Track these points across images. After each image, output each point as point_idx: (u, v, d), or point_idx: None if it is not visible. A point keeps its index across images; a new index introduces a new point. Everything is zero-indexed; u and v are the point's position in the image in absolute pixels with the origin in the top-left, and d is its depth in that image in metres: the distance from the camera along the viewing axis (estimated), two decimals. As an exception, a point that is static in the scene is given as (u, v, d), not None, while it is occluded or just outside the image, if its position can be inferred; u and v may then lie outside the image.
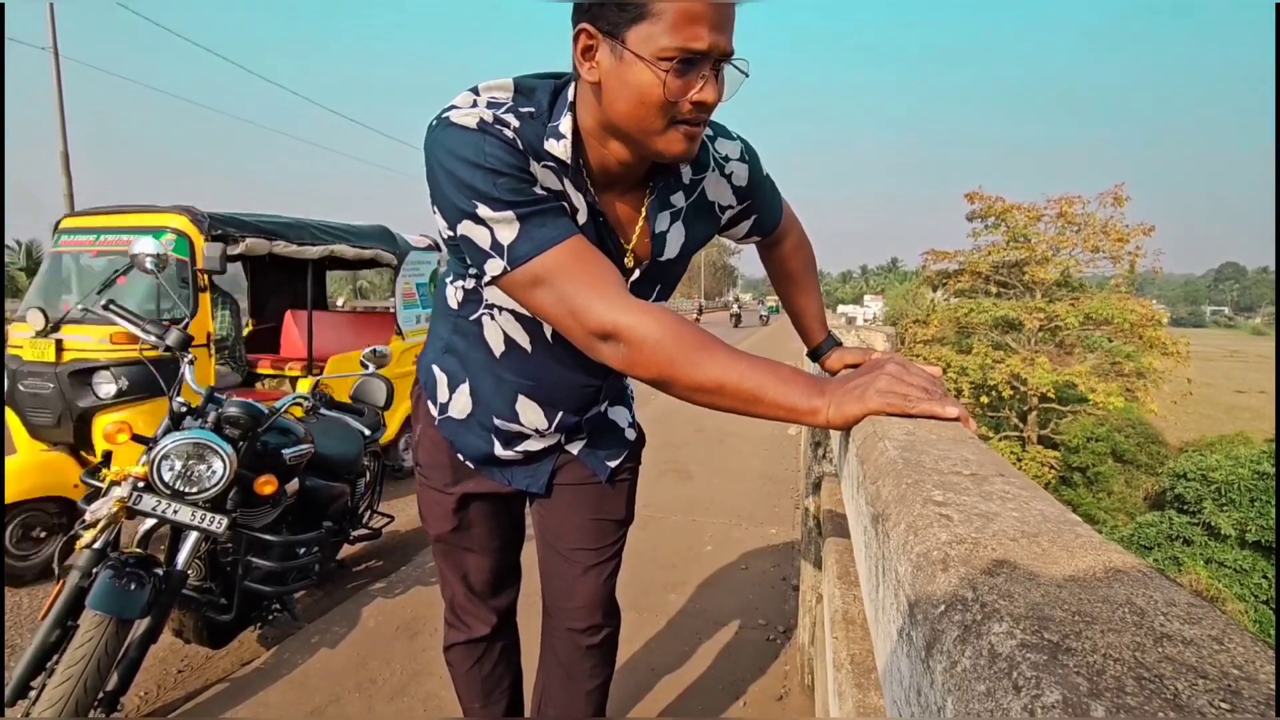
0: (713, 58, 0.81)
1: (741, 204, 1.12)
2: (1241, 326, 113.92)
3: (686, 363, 0.80)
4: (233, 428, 1.94)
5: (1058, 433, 16.45)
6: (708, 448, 5.57)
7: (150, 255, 2.02)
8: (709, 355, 0.80)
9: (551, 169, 0.90)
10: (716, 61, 0.82)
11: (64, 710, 1.53)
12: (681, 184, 1.02)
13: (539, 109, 0.90)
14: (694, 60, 0.80)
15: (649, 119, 0.84)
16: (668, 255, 1.05)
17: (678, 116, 0.84)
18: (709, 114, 0.86)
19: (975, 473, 0.62)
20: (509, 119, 0.86)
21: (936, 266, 18.88)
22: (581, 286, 0.82)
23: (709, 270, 74.21)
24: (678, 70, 0.80)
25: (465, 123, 0.84)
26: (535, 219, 0.84)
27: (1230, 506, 11.76)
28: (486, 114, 0.85)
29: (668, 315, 0.82)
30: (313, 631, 2.43)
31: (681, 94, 0.82)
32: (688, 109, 0.83)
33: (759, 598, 2.80)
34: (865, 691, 0.88)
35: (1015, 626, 0.34)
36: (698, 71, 0.81)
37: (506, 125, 0.85)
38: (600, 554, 1.32)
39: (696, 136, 0.87)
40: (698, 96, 0.82)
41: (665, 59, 0.79)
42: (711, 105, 0.84)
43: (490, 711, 1.45)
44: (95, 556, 1.70)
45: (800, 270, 1.32)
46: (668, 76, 0.80)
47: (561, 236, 0.84)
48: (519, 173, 0.84)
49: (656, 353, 0.80)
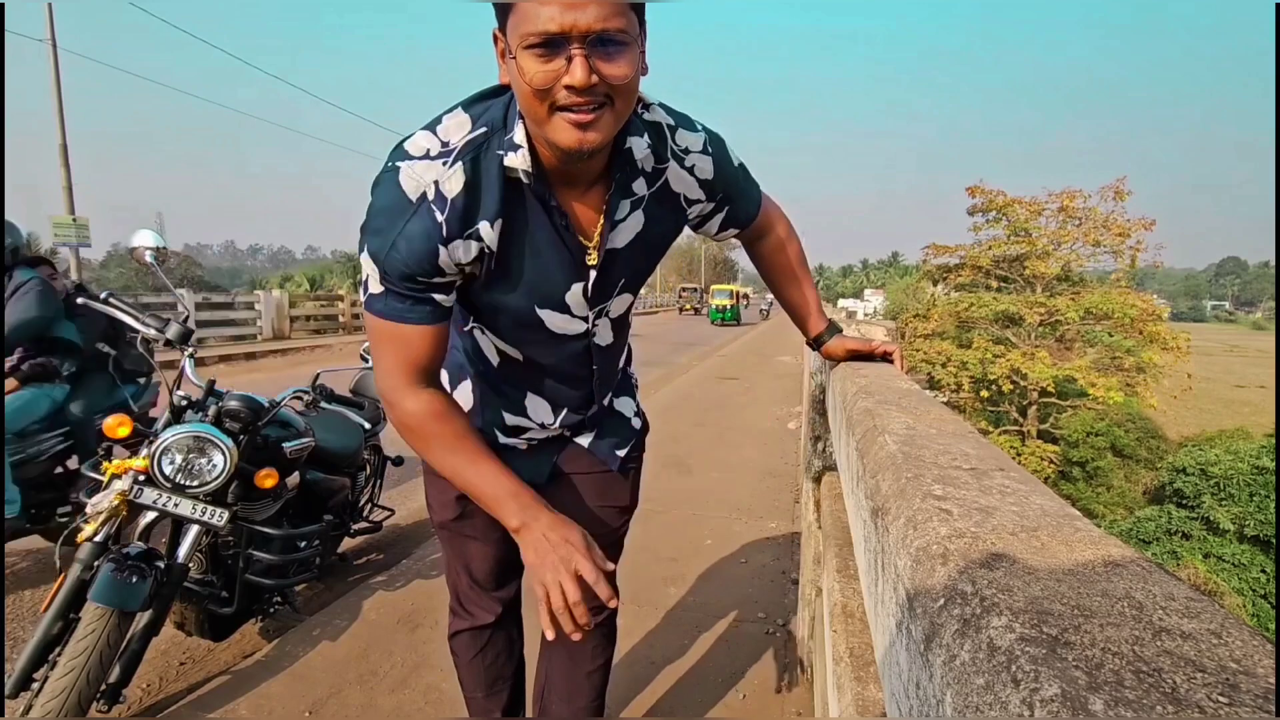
0: (573, 38, 0.77)
1: (711, 198, 1.09)
2: (1242, 321, 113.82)
3: (423, 450, 1.02)
4: (233, 421, 1.94)
5: (1057, 427, 16.45)
6: (708, 442, 5.57)
7: (150, 248, 2.02)
8: (433, 453, 1.02)
9: (474, 236, 0.91)
10: (587, 42, 0.78)
11: (66, 702, 1.54)
12: (643, 172, 0.99)
13: (493, 125, 0.91)
14: (554, 43, 0.77)
15: (533, 109, 0.83)
16: (621, 243, 1.02)
17: (556, 104, 0.81)
18: (595, 96, 0.81)
19: (975, 467, 0.62)
20: (451, 184, 0.88)
21: (937, 261, 18.85)
22: (389, 359, 0.98)
23: (709, 265, 74.10)
24: (539, 56, 0.78)
25: (407, 186, 0.88)
26: (394, 295, 0.93)
27: (1229, 501, 11.77)
28: (427, 183, 0.88)
29: (424, 412, 0.98)
30: (314, 624, 2.43)
31: (549, 81, 0.79)
32: (561, 94, 0.80)
33: (758, 591, 2.80)
34: (864, 684, 0.89)
35: (1014, 620, 0.34)
36: (562, 54, 0.78)
37: (442, 207, 0.88)
38: (603, 540, 1.33)
39: (587, 123, 0.82)
40: (566, 80, 0.79)
41: (526, 46, 0.78)
42: (582, 88, 0.79)
43: (491, 704, 1.46)
44: (97, 549, 1.70)
45: (790, 263, 1.29)
46: (528, 64, 0.79)
47: (400, 318, 0.94)
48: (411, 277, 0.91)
49: (404, 435, 1.02)
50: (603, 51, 0.79)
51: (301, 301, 15.86)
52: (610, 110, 0.83)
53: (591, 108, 0.81)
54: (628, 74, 0.82)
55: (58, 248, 13.07)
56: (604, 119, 0.83)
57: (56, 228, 10.77)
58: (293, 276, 26.27)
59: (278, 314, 13.92)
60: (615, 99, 0.83)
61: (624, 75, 0.81)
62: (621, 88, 0.82)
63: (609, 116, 0.84)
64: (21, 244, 2.78)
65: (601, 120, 0.83)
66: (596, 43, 0.78)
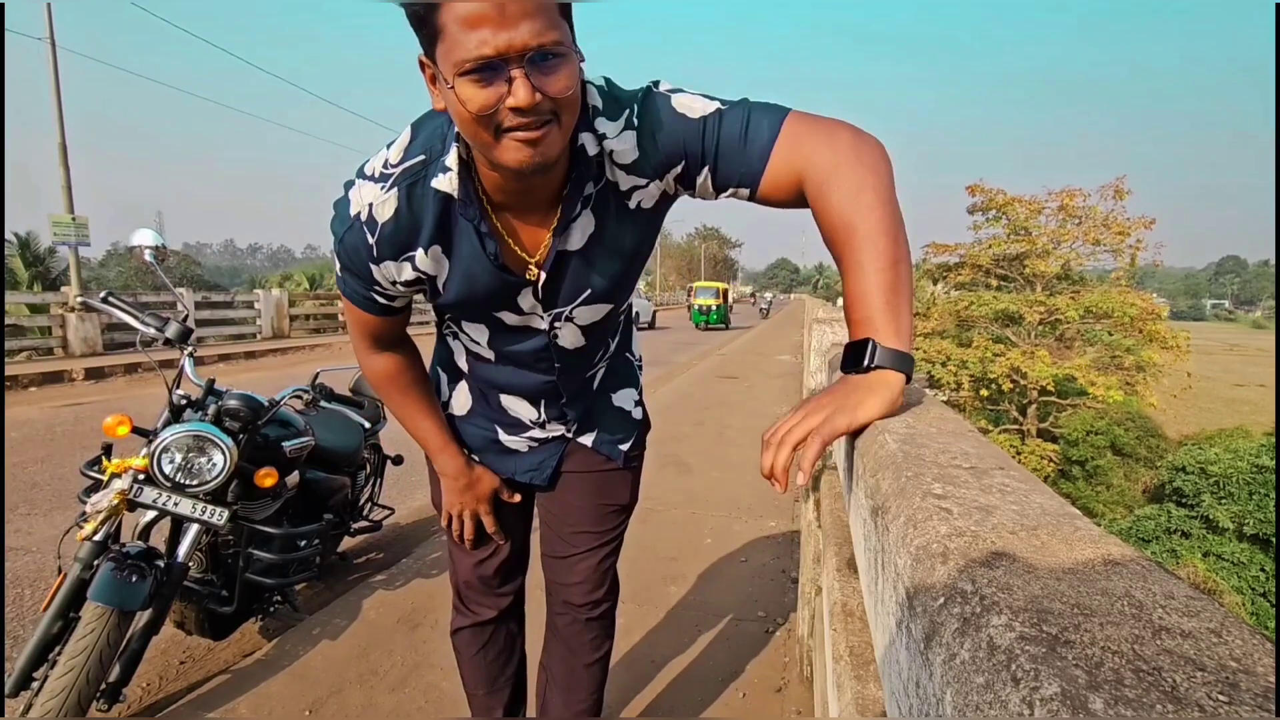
0: (511, 59, 0.74)
1: (656, 174, 0.93)
2: (1242, 320, 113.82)
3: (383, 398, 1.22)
4: (233, 420, 1.94)
5: (1057, 426, 16.45)
6: (707, 441, 5.58)
7: (149, 247, 2.02)
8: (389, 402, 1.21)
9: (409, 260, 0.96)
10: (525, 60, 0.74)
11: (66, 701, 1.54)
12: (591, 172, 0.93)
13: (432, 152, 0.91)
14: (492, 67, 0.74)
15: (477, 135, 0.80)
16: (573, 245, 0.97)
17: (502, 126, 0.78)
18: (540, 115, 0.78)
19: (975, 466, 0.62)
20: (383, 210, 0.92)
21: (937, 260, 18.83)
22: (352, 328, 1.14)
23: (709, 264, 74.11)
24: (477, 82, 0.75)
25: (352, 202, 0.95)
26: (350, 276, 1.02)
27: (1229, 500, 11.76)
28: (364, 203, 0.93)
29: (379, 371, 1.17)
30: (314, 623, 2.43)
31: (491, 105, 0.76)
32: (507, 117, 0.77)
33: (758, 590, 2.80)
34: (864, 683, 0.89)
35: (1014, 619, 0.34)
36: (501, 77, 0.75)
37: (372, 230, 0.94)
38: (601, 537, 1.35)
39: (537, 139, 0.79)
40: (510, 102, 0.76)
41: (463, 74, 0.75)
42: (527, 108, 0.76)
43: (492, 701, 1.47)
44: (96, 549, 1.70)
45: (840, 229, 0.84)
46: (466, 92, 0.75)
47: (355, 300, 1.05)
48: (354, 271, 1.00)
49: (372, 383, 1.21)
50: (542, 67, 0.76)
51: (301, 300, 15.87)
52: (556, 126, 0.81)
53: (537, 125, 0.78)
54: (570, 85, 0.79)
55: (57, 246, 13.07)
56: (551, 135, 0.80)
57: (56, 227, 10.75)
58: (292, 275, 26.27)
59: (277, 313, 13.92)
60: (561, 113, 0.80)
61: (567, 88, 0.78)
62: (566, 100, 0.79)
63: (555, 133, 0.81)
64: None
65: (549, 137, 0.80)
66: (535, 60, 0.75)
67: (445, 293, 1.01)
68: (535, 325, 1.07)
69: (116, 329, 10.38)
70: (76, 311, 10.14)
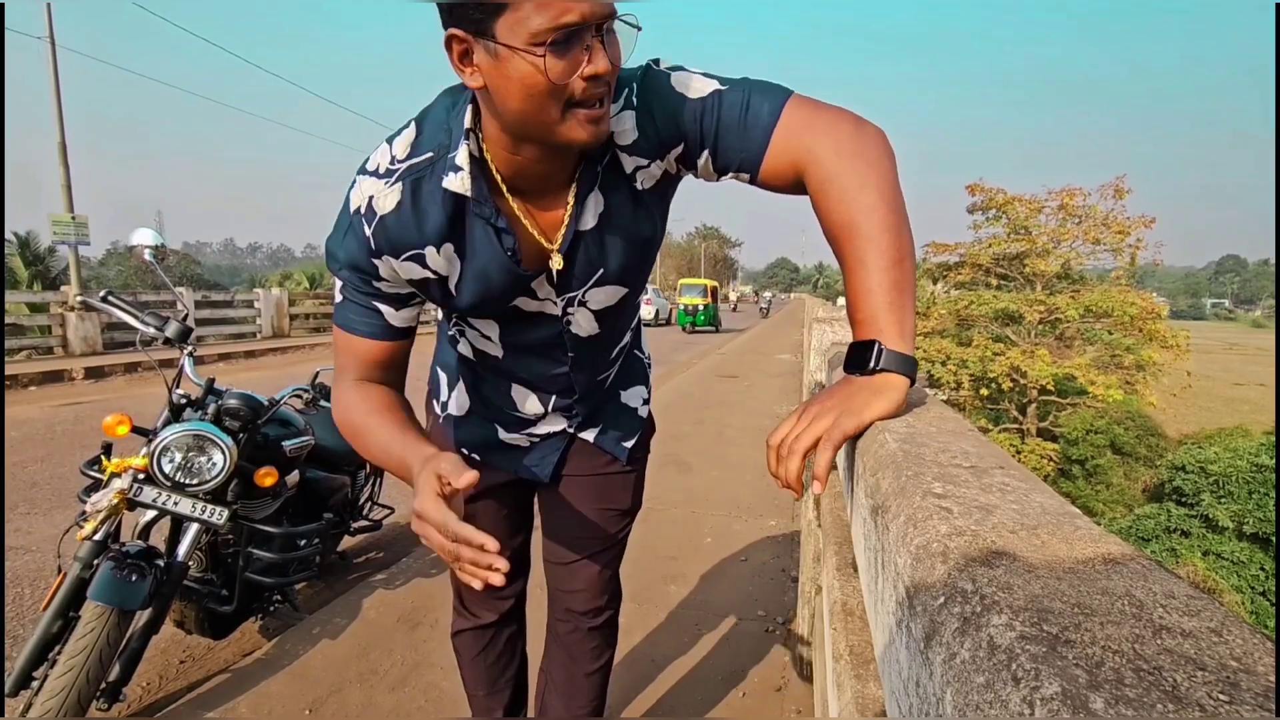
0: (592, 25, 0.73)
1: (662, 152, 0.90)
2: (1242, 319, 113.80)
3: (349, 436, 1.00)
4: (233, 419, 1.94)
5: (1057, 425, 16.45)
6: (707, 440, 5.58)
7: (149, 246, 2.02)
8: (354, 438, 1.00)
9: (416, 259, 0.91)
10: (599, 26, 0.73)
11: (66, 700, 1.54)
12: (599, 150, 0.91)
13: (439, 149, 0.87)
14: (572, 33, 0.72)
15: (543, 111, 0.77)
16: (585, 225, 0.94)
17: (573, 99, 0.76)
18: (608, 87, 0.78)
19: (975, 465, 0.62)
20: (385, 202, 0.88)
21: (937, 259, 18.82)
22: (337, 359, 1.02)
23: (709, 263, 74.09)
24: (556, 51, 0.72)
25: (352, 200, 0.91)
26: (348, 304, 0.97)
27: (1228, 499, 11.76)
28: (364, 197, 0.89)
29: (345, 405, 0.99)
30: (314, 623, 2.44)
31: (569, 74, 0.74)
32: (581, 88, 0.75)
33: (758, 589, 2.81)
34: (864, 683, 0.89)
35: (1014, 618, 0.34)
36: (580, 44, 0.73)
37: (370, 220, 0.89)
38: (604, 542, 1.34)
39: (601, 117, 0.79)
40: (588, 71, 0.74)
41: (539, 43, 0.72)
42: (606, 76, 0.75)
43: (493, 702, 1.46)
44: (96, 548, 1.70)
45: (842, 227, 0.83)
46: (547, 61, 0.72)
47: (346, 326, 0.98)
48: (359, 272, 0.93)
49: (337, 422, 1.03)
50: (607, 36, 0.75)
51: (301, 300, 15.86)
52: (609, 98, 0.80)
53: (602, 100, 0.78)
54: (622, 54, 0.78)
55: (57, 246, 13.06)
56: (608, 109, 0.80)
57: (55, 226, 10.75)
58: (292, 274, 26.26)
59: (277, 312, 13.92)
60: (613, 85, 0.80)
61: (621, 56, 0.78)
62: (618, 70, 0.79)
63: (609, 104, 0.81)
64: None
65: (608, 112, 0.80)
66: (606, 27, 0.75)
67: (459, 295, 0.97)
68: (549, 311, 1.04)
69: (116, 328, 10.37)
70: (76, 311, 10.14)
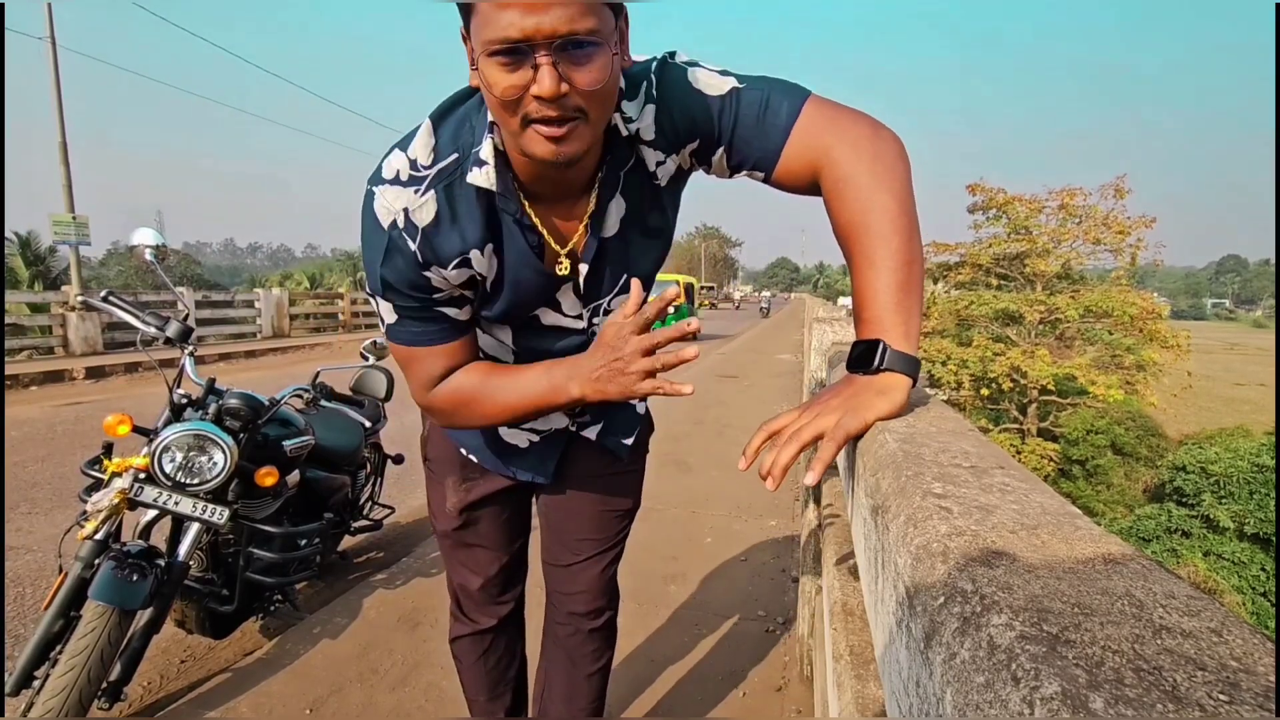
0: (538, 45, 0.70)
1: (678, 147, 0.91)
2: (1242, 319, 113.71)
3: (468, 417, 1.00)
4: (233, 419, 1.94)
5: (1057, 425, 16.44)
6: (707, 440, 5.57)
7: (150, 246, 2.02)
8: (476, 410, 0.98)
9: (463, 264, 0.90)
10: (553, 48, 0.70)
11: (67, 700, 1.54)
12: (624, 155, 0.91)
13: (464, 149, 0.86)
14: (519, 51, 0.70)
15: (505, 120, 0.77)
16: (608, 232, 0.94)
17: (528, 116, 0.74)
18: (565, 109, 0.74)
19: (975, 465, 0.62)
20: (423, 214, 0.86)
21: (938, 259, 18.82)
22: (412, 380, 1.00)
23: (709, 263, 74.09)
24: (503, 65, 0.71)
25: (381, 215, 0.87)
26: (406, 319, 0.94)
27: (1229, 499, 11.76)
28: (396, 211, 0.86)
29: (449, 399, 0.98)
30: (314, 622, 2.44)
31: (516, 92, 0.72)
32: (532, 106, 0.74)
33: (759, 589, 2.80)
34: (864, 682, 0.89)
35: (1014, 618, 0.34)
36: (528, 62, 0.71)
37: (413, 235, 0.87)
38: (604, 543, 1.33)
39: (561, 137, 0.75)
40: (534, 90, 0.72)
41: (490, 54, 0.71)
42: (550, 98, 0.72)
43: (494, 706, 1.46)
44: (97, 547, 1.70)
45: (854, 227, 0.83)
46: (494, 73, 0.72)
47: (413, 341, 0.96)
48: (409, 286, 0.91)
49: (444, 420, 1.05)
50: (572, 56, 0.72)
51: (301, 300, 15.87)
52: (584, 123, 0.77)
53: (561, 121, 0.75)
54: (600, 79, 0.74)
55: (57, 246, 13.07)
56: (577, 131, 0.77)
57: (56, 226, 10.75)
58: (292, 274, 26.27)
59: (277, 312, 13.92)
60: (589, 109, 0.76)
61: (596, 81, 0.74)
62: (594, 94, 0.75)
63: (583, 129, 0.77)
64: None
65: (575, 133, 0.77)
66: (564, 47, 0.71)
67: (496, 297, 0.96)
68: (572, 326, 1.04)
69: (117, 328, 10.38)
70: (77, 311, 10.14)
